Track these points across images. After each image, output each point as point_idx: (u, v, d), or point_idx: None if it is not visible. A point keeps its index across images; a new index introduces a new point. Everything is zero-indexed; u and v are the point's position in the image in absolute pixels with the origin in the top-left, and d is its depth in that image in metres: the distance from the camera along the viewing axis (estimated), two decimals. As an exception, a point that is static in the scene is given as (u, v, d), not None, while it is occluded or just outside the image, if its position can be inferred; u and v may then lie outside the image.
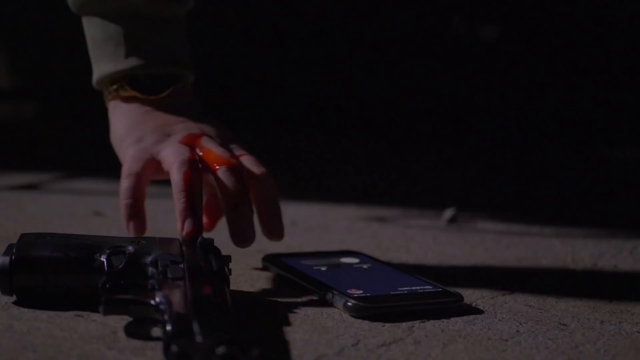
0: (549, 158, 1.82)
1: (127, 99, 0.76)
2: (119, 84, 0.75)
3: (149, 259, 0.62)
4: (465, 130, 2.06)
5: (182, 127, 0.73)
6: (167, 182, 0.80)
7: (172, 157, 0.70)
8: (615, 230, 1.06)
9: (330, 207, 1.15)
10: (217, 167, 0.69)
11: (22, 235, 0.65)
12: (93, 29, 0.76)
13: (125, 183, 0.70)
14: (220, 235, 0.74)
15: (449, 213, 1.06)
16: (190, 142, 0.72)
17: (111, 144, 0.77)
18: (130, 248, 0.63)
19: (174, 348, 0.49)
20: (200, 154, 0.71)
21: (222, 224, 0.83)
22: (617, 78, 2.15)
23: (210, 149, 0.71)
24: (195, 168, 0.69)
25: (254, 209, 0.71)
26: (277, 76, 2.24)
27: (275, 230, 0.71)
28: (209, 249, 0.65)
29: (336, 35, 2.23)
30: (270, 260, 0.77)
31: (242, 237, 0.69)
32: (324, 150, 1.82)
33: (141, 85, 0.75)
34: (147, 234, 0.71)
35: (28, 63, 2.27)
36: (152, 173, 0.72)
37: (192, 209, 0.67)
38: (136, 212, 0.70)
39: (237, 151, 0.73)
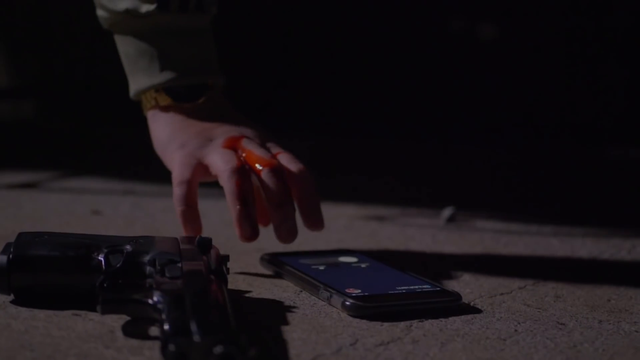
0: (548, 157, 1.82)
1: (165, 108, 0.79)
2: (157, 94, 0.79)
3: (146, 258, 0.62)
4: (464, 129, 2.06)
5: (222, 130, 0.77)
6: (165, 181, 0.80)
7: (221, 164, 0.73)
8: (613, 230, 1.06)
9: (329, 206, 1.14)
10: (260, 168, 0.73)
11: (20, 234, 0.65)
12: (126, 45, 0.80)
13: (178, 191, 0.74)
14: (218, 234, 0.74)
15: (447, 212, 1.06)
16: (232, 145, 0.76)
17: (154, 148, 0.80)
18: (128, 247, 0.63)
19: (171, 347, 0.49)
20: (243, 155, 0.75)
21: (217, 225, 0.83)
22: (617, 77, 2.15)
23: (252, 150, 0.75)
24: (246, 175, 0.73)
25: (295, 204, 0.75)
26: (276, 75, 2.24)
27: (316, 223, 0.76)
28: (207, 248, 0.65)
29: (334, 34, 2.23)
30: (268, 260, 0.77)
31: (287, 235, 0.73)
32: (322, 149, 1.82)
33: (177, 95, 0.79)
34: (144, 232, 0.71)
35: (28, 62, 2.27)
36: (201, 177, 0.75)
37: (247, 214, 0.72)
38: (192, 217, 0.74)
39: (274, 149, 0.77)
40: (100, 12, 0.80)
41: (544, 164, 1.74)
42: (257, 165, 0.74)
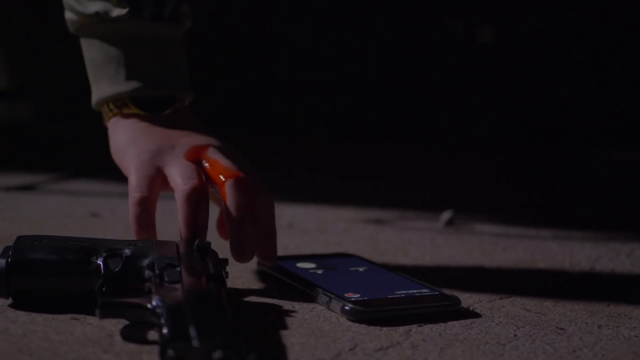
0: (546, 160, 1.82)
1: (128, 116, 0.76)
2: (121, 102, 0.76)
3: (145, 262, 0.62)
4: (463, 132, 2.06)
5: (187, 140, 0.73)
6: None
7: (179, 181, 0.69)
8: (612, 233, 1.06)
9: (328, 209, 1.15)
10: (223, 180, 0.69)
11: (19, 238, 0.65)
12: (92, 50, 0.77)
13: (135, 210, 0.69)
14: (217, 238, 0.74)
15: (446, 215, 1.06)
16: (196, 154, 0.71)
17: (113, 158, 0.77)
18: (127, 251, 0.63)
19: (170, 352, 0.48)
20: (207, 165, 0.71)
21: (214, 228, 0.82)
22: (616, 79, 2.15)
23: (217, 160, 0.71)
24: (202, 199, 0.68)
25: None
26: (275, 77, 2.24)
27: (269, 255, 0.71)
28: (206, 252, 0.65)
29: (334, 36, 2.23)
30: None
31: (243, 254, 0.68)
32: (321, 152, 1.82)
33: (143, 104, 0.75)
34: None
35: (26, 63, 2.27)
36: (159, 187, 0.71)
37: (191, 242, 0.67)
38: (147, 233, 0.69)
39: (243, 167, 0.72)
40: (68, 15, 0.76)
41: (543, 167, 1.74)
42: (221, 177, 0.70)
